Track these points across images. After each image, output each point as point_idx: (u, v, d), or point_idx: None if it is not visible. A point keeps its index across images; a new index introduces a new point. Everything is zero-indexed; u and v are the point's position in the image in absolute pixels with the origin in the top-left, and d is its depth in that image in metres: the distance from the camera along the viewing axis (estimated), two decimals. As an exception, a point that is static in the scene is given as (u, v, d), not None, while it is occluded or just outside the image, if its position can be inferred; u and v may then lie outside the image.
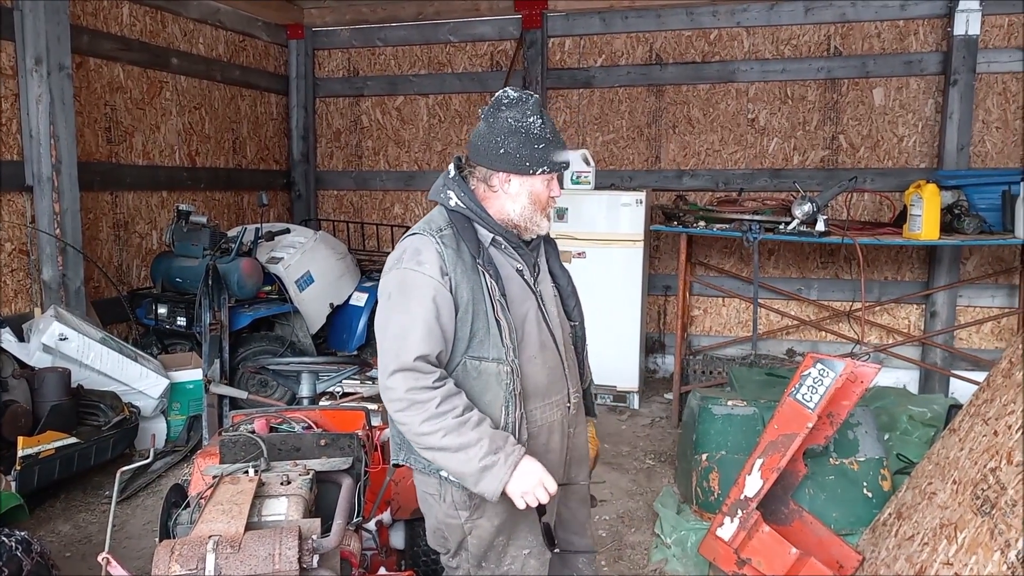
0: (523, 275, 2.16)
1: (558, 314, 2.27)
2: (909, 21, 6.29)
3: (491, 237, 2.12)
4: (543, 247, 2.29)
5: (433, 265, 2.03)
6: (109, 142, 5.82)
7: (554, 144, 2.11)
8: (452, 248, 2.06)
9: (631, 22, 6.90)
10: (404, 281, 2.04)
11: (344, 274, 6.55)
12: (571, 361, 2.27)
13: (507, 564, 2.19)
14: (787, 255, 6.72)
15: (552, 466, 2.13)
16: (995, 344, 6.28)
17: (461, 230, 2.09)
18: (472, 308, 2.04)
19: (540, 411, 2.15)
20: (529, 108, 2.08)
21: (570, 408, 2.24)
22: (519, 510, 2.07)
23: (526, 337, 2.12)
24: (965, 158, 6.08)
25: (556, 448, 2.22)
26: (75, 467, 4.22)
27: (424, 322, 1.99)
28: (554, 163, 2.11)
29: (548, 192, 2.16)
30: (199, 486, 2.26)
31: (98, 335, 4.82)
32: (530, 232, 2.18)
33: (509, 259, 2.15)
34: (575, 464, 2.33)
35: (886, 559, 3.18)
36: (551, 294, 2.26)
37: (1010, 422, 2.86)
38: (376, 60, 7.77)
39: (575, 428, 2.29)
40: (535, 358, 2.13)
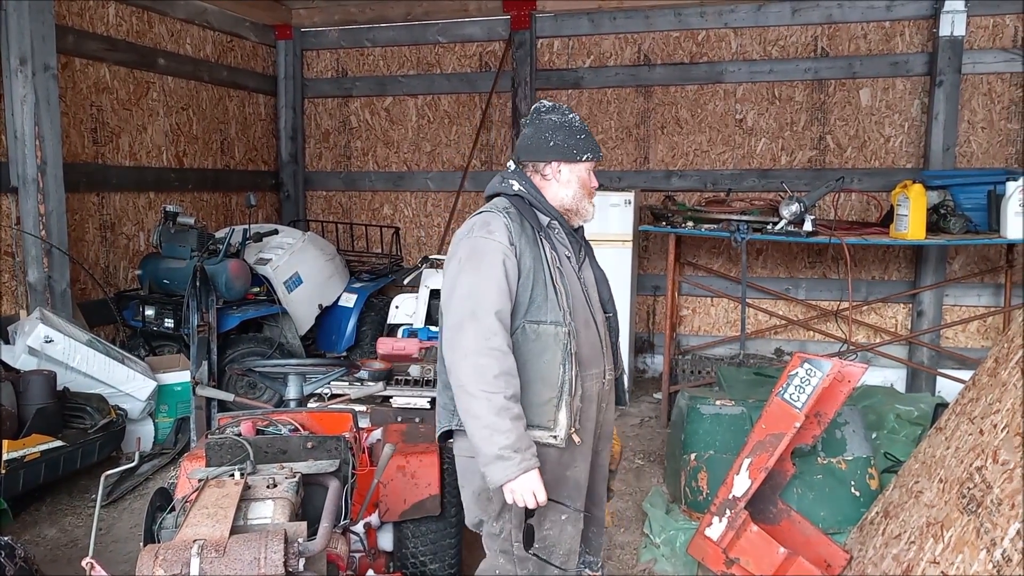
0: (571, 260, 2.43)
1: (601, 301, 2.53)
2: (895, 22, 6.33)
3: (547, 221, 2.40)
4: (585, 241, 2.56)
5: (502, 234, 2.30)
6: (95, 143, 5.78)
7: (591, 138, 2.47)
8: (516, 222, 2.34)
9: (619, 23, 6.91)
10: (475, 247, 2.28)
11: (333, 275, 6.53)
12: (607, 344, 2.50)
13: (547, 528, 2.39)
14: (775, 255, 6.74)
15: (587, 434, 2.41)
16: (981, 343, 6.32)
17: (523, 210, 2.38)
18: (532, 275, 2.29)
19: (582, 379, 2.35)
20: (567, 109, 2.46)
21: (604, 384, 2.46)
22: (560, 472, 2.37)
23: (574, 310, 2.33)
24: (951, 158, 6.13)
25: (592, 418, 2.43)
26: (61, 471, 4.18)
27: (496, 281, 2.24)
28: (596, 151, 2.46)
29: (592, 182, 2.47)
30: (185, 489, 2.24)
31: (84, 337, 4.79)
32: (580, 217, 2.47)
33: (561, 244, 2.41)
34: (603, 439, 2.54)
35: (873, 558, 3.19)
36: (592, 282, 2.51)
37: (996, 421, 2.87)
38: (365, 61, 7.75)
39: (607, 404, 2.51)
40: (581, 331, 2.35)
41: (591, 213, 2.49)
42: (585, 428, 2.38)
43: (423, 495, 2.96)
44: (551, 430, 2.28)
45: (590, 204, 2.48)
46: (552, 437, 2.28)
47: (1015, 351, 3.03)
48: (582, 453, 2.43)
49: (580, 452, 2.42)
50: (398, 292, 6.57)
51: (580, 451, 2.41)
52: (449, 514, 3.07)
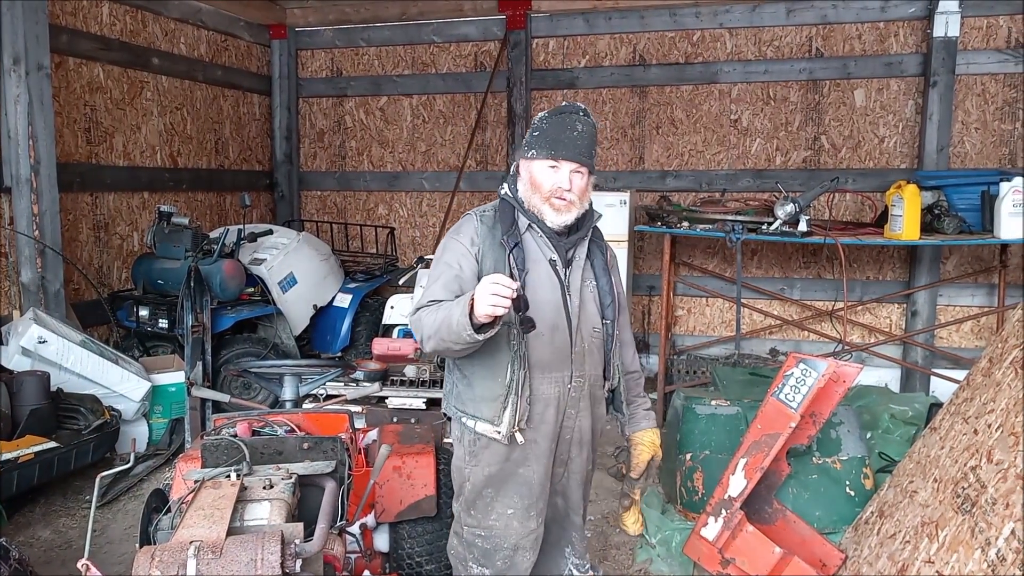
0: (555, 264, 2.39)
1: (596, 309, 2.46)
2: (889, 23, 6.35)
3: (527, 224, 2.39)
4: (588, 246, 2.47)
5: (466, 235, 2.40)
6: (89, 143, 5.76)
7: (551, 135, 2.33)
8: (487, 225, 2.40)
9: (615, 23, 6.92)
10: (443, 246, 2.46)
11: (328, 275, 6.51)
12: (588, 351, 2.44)
13: (492, 518, 2.45)
14: (770, 255, 6.76)
15: (543, 436, 2.41)
16: (975, 343, 6.34)
17: (502, 214, 2.42)
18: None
19: (538, 381, 2.37)
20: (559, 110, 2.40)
21: (570, 389, 2.42)
22: (510, 468, 2.41)
23: (539, 315, 2.27)
24: (945, 159, 6.15)
25: (550, 421, 2.41)
26: (55, 472, 4.16)
27: (445, 278, 2.37)
28: (545, 148, 2.33)
29: (552, 182, 2.34)
30: (180, 491, 2.24)
31: (78, 338, 4.77)
32: (542, 217, 2.36)
33: (543, 247, 2.39)
34: (575, 445, 2.50)
35: (868, 557, 3.20)
36: (586, 289, 2.44)
37: (990, 421, 2.88)
38: (359, 60, 7.74)
39: (577, 411, 2.45)
40: (542, 335, 2.32)
41: (550, 218, 2.36)
42: (539, 430, 2.41)
43: (419, 496, 2.95)
44: (495, 425, 2.35)
45: (545, 206, 2.35)
46: (496, 432, 2.36)
47: (1009, 351, 3.05)
48: (535, 454, 2.43)
49: (533, 452, 2.42)
50: (393, 292, 6.55)
51: (533, 451, 2.42)
52: (445, 515, 3.06)
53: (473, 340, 2.13)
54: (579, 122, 2.35)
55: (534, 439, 2.41)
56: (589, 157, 2.36)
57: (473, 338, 2.12)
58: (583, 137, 2.35)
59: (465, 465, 2.47)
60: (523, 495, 2.44)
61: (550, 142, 2.33)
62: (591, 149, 2.38)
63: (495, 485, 2.44)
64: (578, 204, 2.37)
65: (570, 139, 2.33)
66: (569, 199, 2.35)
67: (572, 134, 2.33)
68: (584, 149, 2.35)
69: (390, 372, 4.41)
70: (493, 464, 2.42)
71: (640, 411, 2.69)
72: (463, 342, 2.16)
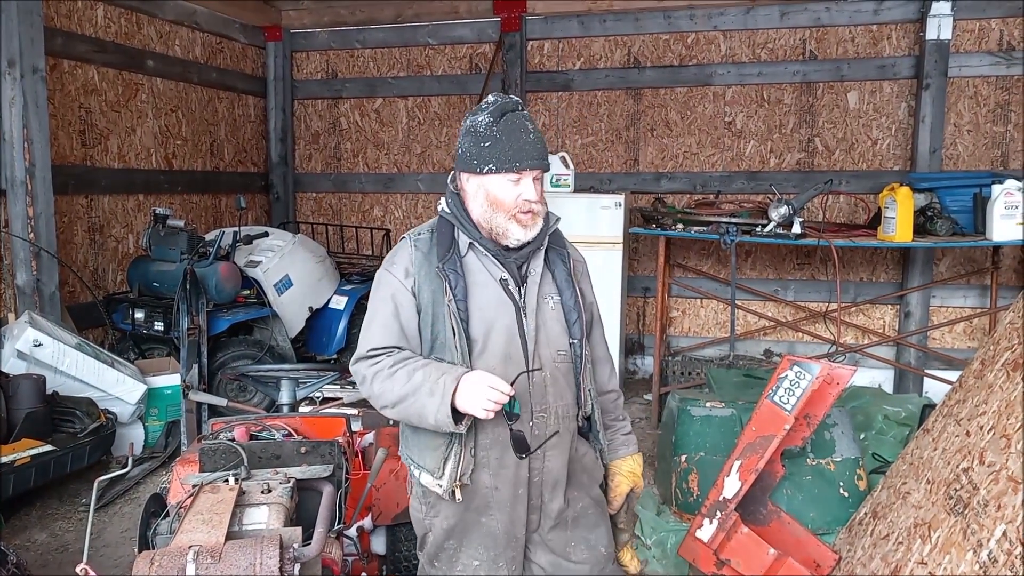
0: (506, 284, 2.11)
1: (561, 328, 2.16)
2: (882, 26, 6.39)
3: (469, 242, 2.13)
4: (544, 256, 2.18)
5: (400, 266, 2.15)
6: (84, 145, 5.76)
7: (507, 144, 2.04)
8: (423, 251, 2.14)
9: (609, 25, 6.94)
10: (378, 279, 2.21)
11: (323, 277, 6.51)
12: (551, 380, 2.14)
13: (457, 570, 2.21)
14: (764, 257, 6.79)
15: (504, 482, 2.13)
16: (968, 344, 6.38)
17: (440, 235, 2.15)
18: (432, 311, 2.09)
19: (493, 424, 2.07)
20: (483, 109, 2.10)
21: (532, 427, 2.10)
22: (472, 518, 2.16)
23: (489, 346, 2.08)
24: (937, 160, 6.19)
25: (511, 465, 2.11)
26: (51, 475, 4.16)
27: (382, 317, 2.13)
28: (503, 161, 2.04)
29: (515, 196, 2.07)
30: (178, 495, 2.25)
31: (73, 341, 4.76)
32: (503, 238, 2.10)
33: (491, 266, 2.12)
34: (547, 488, 2.18)
35: (862, 558, 3.22)
36: (547, 307, 2.15)
37: (982, 423, 2.91)
38: (355, 62, 7.75)
39: (543, 450, 2.12)
40: (494, 369, 2.04)
41: (516, 236, 2.09)
42: (499, 476, 2.12)
43: (416, 498, 2.96)
44: (436, 478, 2.11)
45: (512, 224, 2.07)
46: (437, 485, 2.11)
47: (1001, 353, 3.07)
48: (497, 501, 2.15)
49: (495, 499, 2.15)
50: (389, 294, 6.56)
51: (495, 498, 2.15)
52: (442, 517, 3.08)
53: (455, 430, 1.98)
54: (527, 120, 2.10)
55: (495, 486, 2.13)
56: (546, 159, 2.12)
57: (454, 429, 1.97)
58: (539, 137, 2.10)
59: (424, 516, 2.23)
60: (488, 546, 2.18)
61: (510, 152, 2.05)
62: (546, 149, 2.13)
63: (457, 536, 2.20)
64: (542, 213, 2.14)
65: (529, 144, 2.06)
66: (536, 211, 2.10)
67: (529, 137, 2.07)
68: (543, 151, 2.10)
69: (386, 374, 4.41)
70: (451, 516, 2.17)
71: (619, 436, 2.39)
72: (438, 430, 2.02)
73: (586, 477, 2.30)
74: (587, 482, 2.31)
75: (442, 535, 2.20)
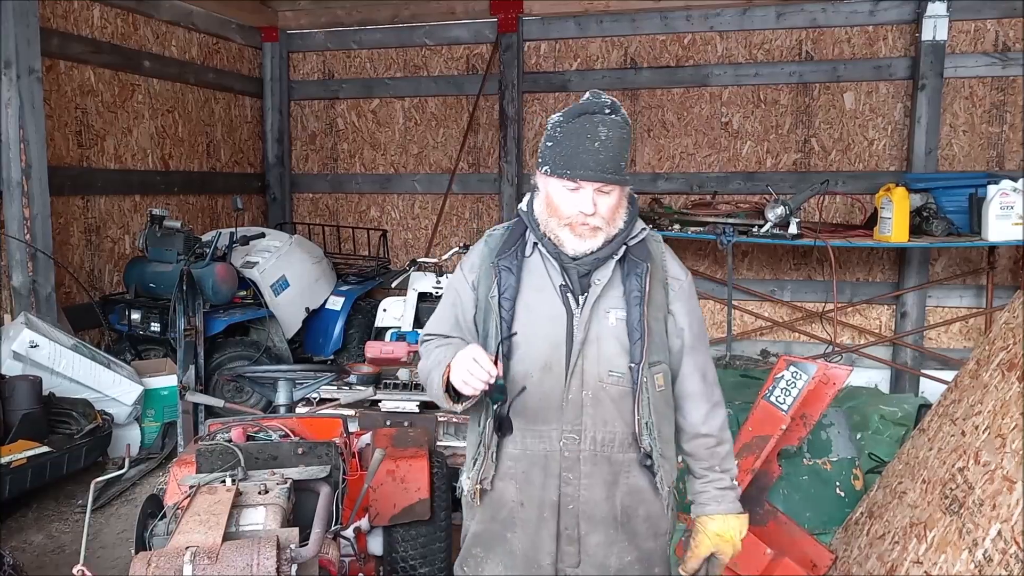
0: (565, 291, 1.98)
1: (619, 348, 1.96)
2: (878, 27, 6.40)
3: (534, 242, 2.04)
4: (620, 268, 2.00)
5: (469, 260, 2.13)
6: (80, 146, 5.75)
7: (566, 148, 1.89)
8: (491, 247, 2.09)
9: (606, 26, 6.95)
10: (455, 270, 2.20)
11: (320, 278, 6.52)
12: (593, 400, 1.96)
13: None
14: (760, 257, 6.80)
15: (530, 500, 2.01)
16: (963, 344, 6.39)
17: (512, 232, 2.09)
18: (486, 305, 2.05)
19: (522, 434, 1.99)
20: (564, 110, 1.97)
21: (562, 447, 1.97)
22: (496, 530, 2.07)
23: (531, 352, 1.97)
24: (933, 161, 6.20)
25: (537, 483, 2.00)
26: (47, 476, 4.15)
27: (442, 306, 2.16)
28: (560, 166, 1.89)
29: (570, 204, 1.92)
30: (175, 496, 2.24)
31: (70, 342, 4.76)
32: (558, 244, 1.97)
33: (551, 270, 2.00)
34: (584, 520, 2.00)
35: (858, 558, 3.23)
36: (606, 321, 1.97)
37: (977, 422, 2.92)
38: (351, 63, 7.74)
39: (578, 476, 1.98)
40: (531, 376, 1.96)
41: (569, 244, 1.95)
42: (524, 492, 2.01)
43: (413, 499, 2.97)
44: (467, 478, 2.09)
45: (564, 231, 1.95)
46: (466, 480, 2.08)
47: (996, 353, 3.09)
48: (521, 518, 2.03)
49: (519, 516, 2.03)
50: (386, 295, 6.57)
51: (519, 515, 2.03)
52: (439, 518, 3.08)
53: (450, 409, 1.94)
54: (602, 125, 1.87)
55: (520, 501, 2.03)
56: (616, 171, 1.89)
57: (450, 407, 1.93)
58: (609, 146, 1.87)
59: (465, 519, 2.20)
60: (507, 564, 2.07)
61: (566, 157, 1.89)
62: (620, 159, 1.90)
63: (483, 546, 2.13)
64: (605, 227, 1.94)
65: (591, 152, 1.86)
66: (593, 224, 1.93)
67: (593, 145, 1.86)
68: (610, 163, 1.87)
69: (383, 375, 4.42)
70: (481, 523, 2.12)
71: (711, 490, 2.08)
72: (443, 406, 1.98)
73: (644, 526, 2.06)
74: (643, 532, 2.06)
75: (471, 540, 2.16)
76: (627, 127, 1.93)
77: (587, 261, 1.98)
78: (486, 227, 7.45)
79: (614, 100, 1.95)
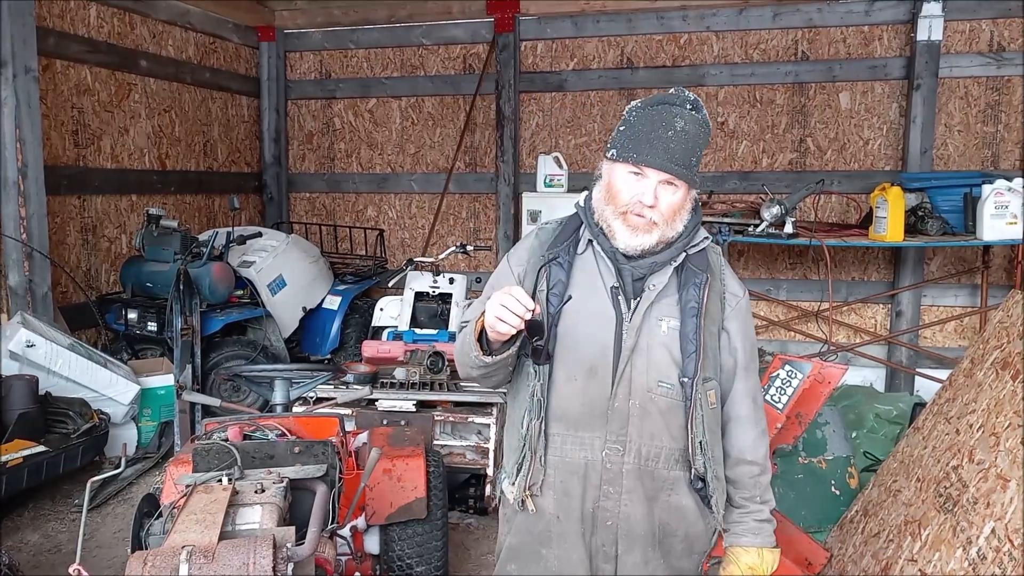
0: (616, 293, 1.89)
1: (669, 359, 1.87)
2: (874, 27, 6.42)
3: (588, 238, 1.94)
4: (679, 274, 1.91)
5: (516, 254, 2.03)
6: (76, 145, 5.74)
7: (638, 132, 1.82)
8: (542, 241, 2.00)
9: (602, 26, 6.95)
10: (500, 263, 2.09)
11: (317, 277, 6.52)
12: (640, 411, 1.87)
13: None
14: (756, 256, 6.81)
15: (567, 513, 1.92)
16: (958, 343, 6.42)
17: (565, 228, 1.99)
18: None
19: (562, 440, 1.90)
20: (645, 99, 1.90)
21: (604, 457, 1.87)
22: (532, 545, 1.98)
23: (577, 354, 1.88)
24: (928, 161, 6.22)
25: (576, 495, 1.91)
26: (43, 476, 4.15)
27: (483, 296, 1.97)
28: (625, 150, 1.82)
29: (629, 193, 1.83)
30: (171, 495, 2.25)
31: (66, 341, 4.76)
32: (611, 237, 1.87)
33: (604, 269, 1.91)
34: (623, 538, 1.90)
35: (853, 556, 3.25)
36: (658, 329, 1.88)
37: (971, 421, 2.93)
38: (348, 62, 7.74)
39: (619, 490, 1.88)
40: (575, 379, 1.88)
41: (621, 237, 1.85)
42: (562, 504, 1.92)
43: (409, 498, 2.98)
44: (512, 483, 1.94)
45: (618, 220, 1.84)
46: (511, 486, 1.94)
47: (990, 352, 3.10)
48: (558, 533, 1.94)
49: (556, 530, 1.94)
50: (383, 294, 6.57)
51: (556, 529, 1.94)
52: (435, 516, 3.09)
53: (481, 363, 1.81)
54: (680, 117, 1.81)
55: (556, 514, 1.93)
56: (686, 166, 1.81)
57: (480, 360, 1.80)
58: (683, 139, 1.80)
59: (501, 533, 2.09)
60: None
61: (635, 141, 1.81)
62: (691, 155, 1.82)
63: (518, 561, 2.02)
64: (663, 225, 1.84)
65: (662, 140, 1.79)
66: (651, 217, 1.83)
67: (667, 133, 1.79)
68: (680, 155, 1.80)
69: (380, 374, 4.43)
70: (518, 534, 2.01)
71: (749, 521, 1.98)
72: (474, 364, 1.84)
73: (681, 545, 1.97)
74: (679, 551, 1.98)
75: (506, 555, 2.04)
76: (706, 128, 1.86)
77: (643, 264, 1.89)
78: (483, 226, 7.57)
79: (698, 98, 1.89)
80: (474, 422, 4.18)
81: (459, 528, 4.11)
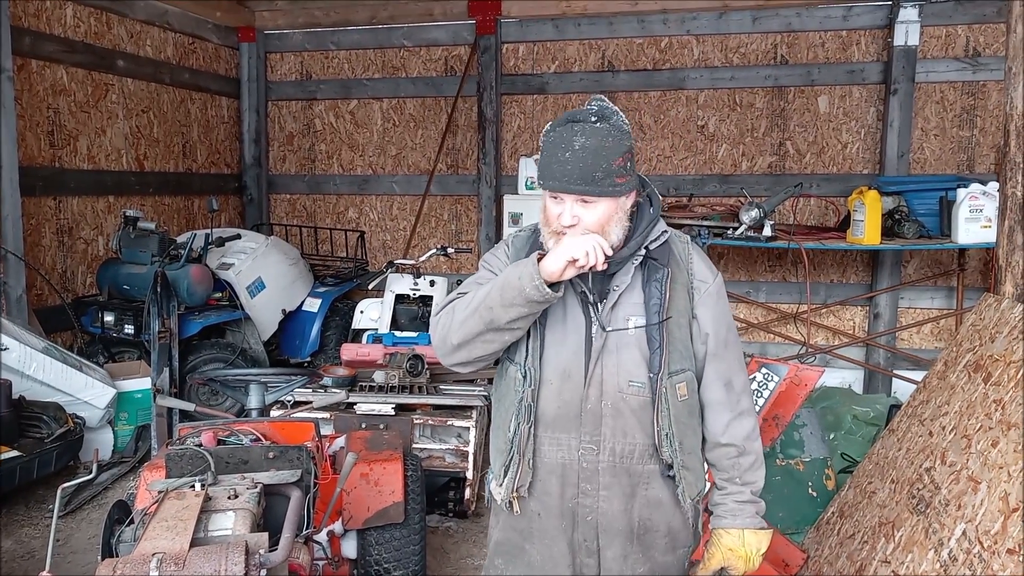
0: (585, 298, 1.93)
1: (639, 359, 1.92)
2: (852, 31, 6.48)
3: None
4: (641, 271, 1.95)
5: (493, 256, 2.09)
6: (52, 146, 5.68)
7: (547, 158, 1.86)
8: (517, 248, 2.06)
9: (584, 29, 6.97)
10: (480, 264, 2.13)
11: (296, 280, 6.48)
12: (613, 411, 1.92)
13: None
14: (736, 259, 6.85)
15: (547, 511, 1.99)
16: (934, 344, 6.49)
17: (536, 237, 2.04)
18: None
19: (541, 441, 1.97)
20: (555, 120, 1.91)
21: (580, 456, 1.94)
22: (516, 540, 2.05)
23: (552, 357, 1.94)
24: (905, 164, 6.29)
25: (555, 493, 1.97)
26: (17, 481, 4.10)
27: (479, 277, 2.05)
28: (546, 177, 1.86)
29: (554, 214, 1.89)
30: (145, 501, 2.23)
31: (40, 344, 4.70)
32: None
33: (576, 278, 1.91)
34: (604, 533, 1.97)
35: (829, 557, 3.27)
36: (601, 331, 1.91)
37: (944, 423, 2.97)
38: (329, 64, 7.71)
39: (596, 487, 1.95)
40: (551, 382, 1.94)
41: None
42: (542, 501, 1.99)
43: (387, 502, 2.97)
44: (499, 484, 2.00)
45: (551, 240, 1.89)
46: (498, 488, 2.01)
47: (963, 355, 3.13)
48: (539, 529, 2.01)
49: (537, 527, 2.01)
50: (363, 297, 6.55)
51: (537, 525, 2.01)
52: (412, 521, 3.08)
53: (543, 294, 1.78)
54: (580, 134, 1.81)
55: (537, 511, 2.01)
56: (591, 182, 1.80)
57: (542, 291, 1.77)
58: (582, 156, 1.80)
59: (491, 521, 2.17)
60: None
61: (544, 167, 1.86)
62: (595, 170, 1.80)
63: (504, 556, 2.10)
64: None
65: (561, 162, 1.81)
66: None
67: (565, 155, 1.81)
68: (581, 173, 1.80)
69: (359, 378, 4.41)
70: (504, 530, 2.09)
71: (729, 502, 2.02)
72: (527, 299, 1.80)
73: (664, 540, 2.02)
74: (661, 545, 2.02)
75: (494, 549, 2.13)
76: (615, 134, 1.83)
77: (619, 270, 1.93)
78: (464, 229, 7.57)
79: (605, 107, 1.88)
80: (454, 425, 4.18)
81: (438, 531, 4.10)
